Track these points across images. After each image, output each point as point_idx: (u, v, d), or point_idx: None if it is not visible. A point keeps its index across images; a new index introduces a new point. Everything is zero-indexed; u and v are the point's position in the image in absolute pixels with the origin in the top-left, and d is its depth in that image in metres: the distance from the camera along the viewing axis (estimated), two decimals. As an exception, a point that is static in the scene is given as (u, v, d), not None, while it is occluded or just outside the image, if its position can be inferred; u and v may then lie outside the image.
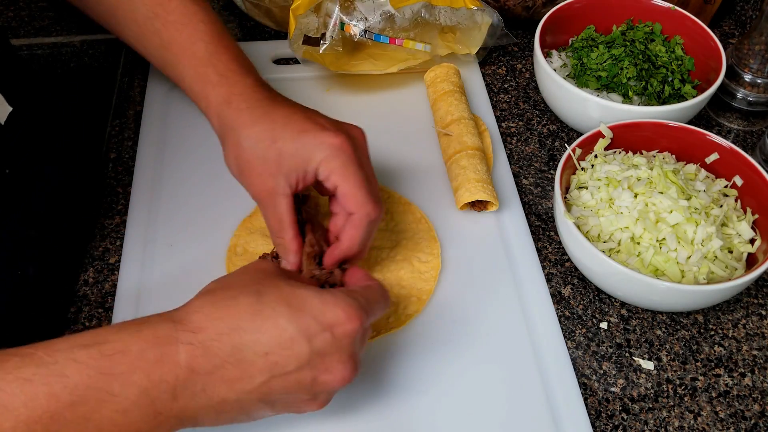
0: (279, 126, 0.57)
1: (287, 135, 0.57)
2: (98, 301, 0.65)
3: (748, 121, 0.84)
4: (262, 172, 0.58)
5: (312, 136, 0.56)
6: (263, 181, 0.58)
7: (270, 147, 0.57)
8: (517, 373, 0.60)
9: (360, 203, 0.57)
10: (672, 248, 0.62)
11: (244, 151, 0.58)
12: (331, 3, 0.77)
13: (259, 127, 0.58)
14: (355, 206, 0.57)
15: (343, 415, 0.57)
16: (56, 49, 0.88)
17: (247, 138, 0.58)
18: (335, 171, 0.56)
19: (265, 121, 0.58)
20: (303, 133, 0.57)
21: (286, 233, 0.58)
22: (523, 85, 0.87)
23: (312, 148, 0.56)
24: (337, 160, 0.56)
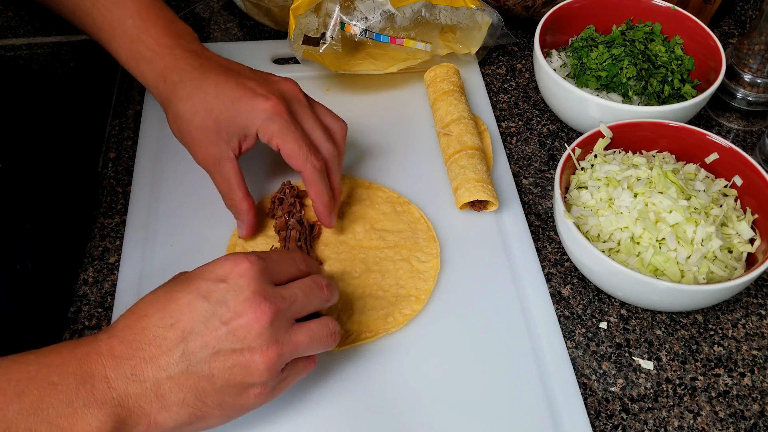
0: (212, 96, 0.61)
1: (221, 105, 0.60)
2: (98, 300, 0.65)
3: (747, 121, 0.84)
4: (203, 141, 0.61)
5: (245, 103, 0.60)
6: (205, 149, 0.61)
7: (206, 117, 0.60)
8: (516, 372, 0.60)
9: (304, 159, 0.61)
10: (672, 248, 0.62)
11: (183, 123, 0.62)
12: (332, 3, 0.77)
13: (193, 100, 0.61)
14: (301, 164, 0.61)
15: (343, 415, 0.57)
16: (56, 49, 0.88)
17: (185, 111, 0.61)
18: (274, 134, 0.60)
19: (198, 93, 0.61)
20: (237, 101, 0.60)
21: (235, 194, 0.63)
22: (522, 84, 0.87)
23: (247, 114, 0.60)
24: (273, 123, 0.60)
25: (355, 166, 0.75)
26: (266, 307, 0.48)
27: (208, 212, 0.70)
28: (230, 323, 0.47)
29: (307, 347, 0.51)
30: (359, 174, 0.74)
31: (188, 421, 0.48)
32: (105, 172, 0.75)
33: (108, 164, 0.76)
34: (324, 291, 0.53)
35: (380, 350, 0.61)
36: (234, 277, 0.48)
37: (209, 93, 0.61)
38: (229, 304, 0.48)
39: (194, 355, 0.47)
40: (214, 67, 0.63)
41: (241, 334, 0.47)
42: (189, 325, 0.47)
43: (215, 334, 0.47)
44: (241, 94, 0.60)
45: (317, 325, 0.52)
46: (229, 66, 0.64)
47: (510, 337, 0.62)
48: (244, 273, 0.48)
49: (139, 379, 0.46)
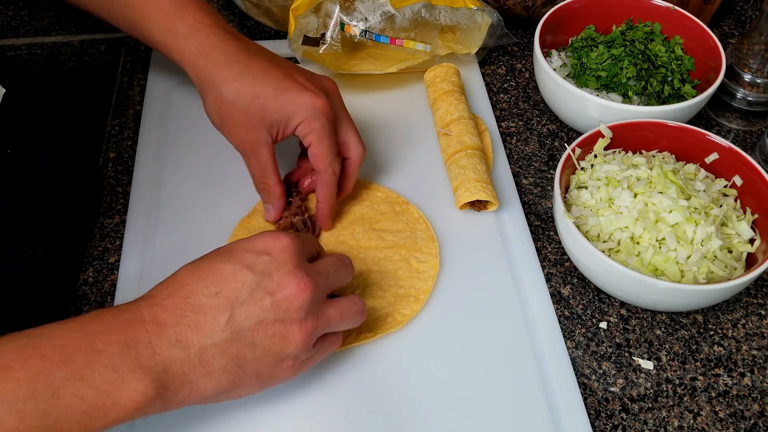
0: (260, 81, 0.61)
1: (269, 91, 0.61)
2: (98, 300, 0.65)
3: (747, 120, 0.84)
4: (245, 124, 0.61)
5: (295, 95, 0.61)
6: (246, 133, 0.62)
7: (253, 102, 0.61)
8: (516, 372, 0.60)
9: (327, 163, 0.63)
10: (671, 248, 0.62)
11: (225, 104, 0.61)
12: (331, 3, 0.77)
13: (240, 82, 0.61)
14: (324, 166, 0.63)
15: (343, 415, 0.57)
16: (56, 48, 0.88)
17: (229, 92, 0.61)
18: (313, 132, 0.61)
19: (246, 75, 0.61)
20: (285, 91, 0.61)
21: (269, 178, 0.64)
22: (522, 84, 0.87)
23: (294, 107, 0.61)
24: (317, 121, 0.61)
25: (355, 166, 0.75)
26: (308, 281, 0.50)
27: (208, 212, 0.70)
28: (275, 294, 0.49)
29: (338, 322, 0.53)
30: (359, 174, 0.74)
31: (226, 389, 0.49)
32: (105, 172, 0.75)
33: (108, 164, 0.76)
34: (349, 268, 0.56)
35: (380, 350, 0.61)
36: (276, 251, 0.50)
37: (258, 78, 0.61)
38: (274, 276, 0.49)
39: (239, 323, 0.48)
40: (258, 52, 0.63)
41: (284, 306, 0.49)
42: (234, 294, 0.48)
43: (261, 304, 0.49)
44: (291, 85, 0.61)
45: (347, 302, 0.55)
46: (270, 54, 0.65)
47: (510, 337, 0.62)
48: (286, 248, 0.50)
49: (184, 345, 0.47)
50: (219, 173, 0.74)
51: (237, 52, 0.62)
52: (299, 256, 0.51)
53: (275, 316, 0.49)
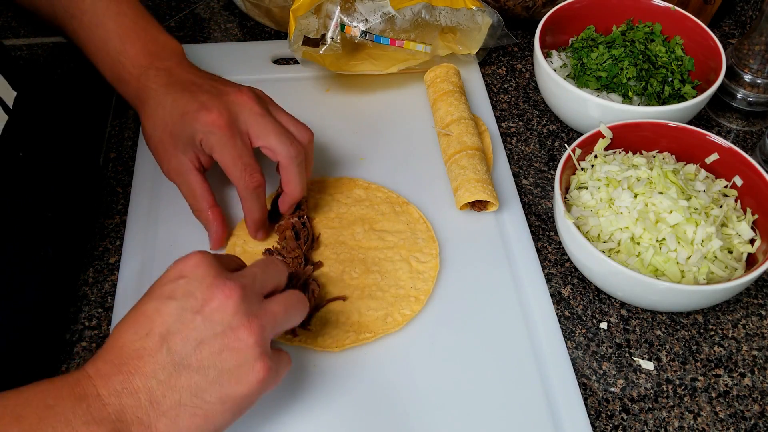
0: (168, 111, 0.63)
1: (174, 118, 0.63)
2: (98, 300, 0.65)
3: (747, 121, 0.84)
4: (164, 154, 0.64)
5: (191, 117, 0.62)
6: (168, 162, 0.64)
7: (163, 131, 0.64)
8: (516, 373, 0.60)
9: (237, 177, 0.62)
10: (672, 248, 0.62)
11: (148, 138, 0.65)
12: (332, 4, 0.77)
13: (154, 116, 0.64)
14: (235, 179, 0.63)
15: (343, 416, 0.57)
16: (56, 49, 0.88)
17: (148, 127, 0.65)
18: (213, 148, 0.62)
19: (158, 109, 0.64)
20: (185, 116, 0.62)
21: (199, 203, 0.65)
22: (523, 85, 0.87)
23: (192, 127, 0.62)
24: (212, 137, 0.61)
25: (356, 166, 0.75)
26: (232, 284, 0.48)
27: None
28: (203, 310, 0.47)
29: (285, 317, 0.51)
30: (359, 174, 0.74)
31: (194, 424, 0.47)
32: (105, 173, 0.75)
33: (108, 164, 0.76)
34: (278, 264, 0.54)
35: (380, 351, 0.61)
36: (189, 269, 0.49)
37: (166, 108, 0.63)
38: (196, 294, 0.48)
39: (178, 353, 0.46)
40: (178, 83, 0.65)
41: (217, 318, 0.47)
42: (164, 328, 0.47)
43: (192, 326, 0.47)
44: (191, 107, 0.62)
45: (285, 295, 0.53)
46: (194, 79, 0.65)
47: (510, 337, 0.62)
48: (199, 263, 0.49)
49: (130, 391, 0.46)
50: (219, 173, 0.73)
51: (156, 89, 0.65)
52: (215, 267, 0.49)
53: (213, 331, 0.47)
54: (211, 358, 0.47)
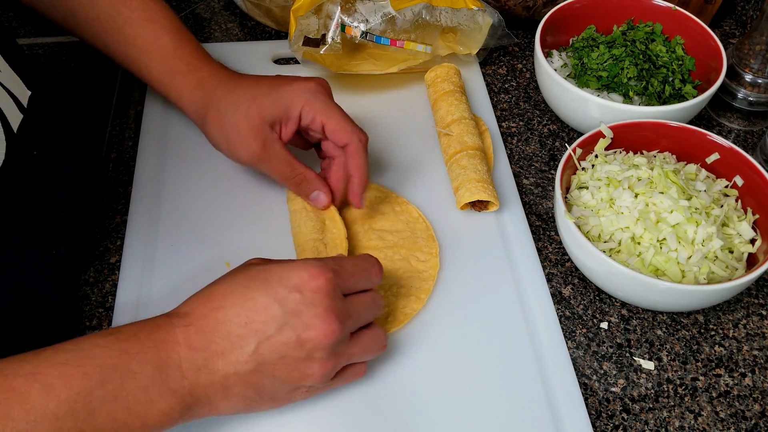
0: (253, 86, 0.64)
1: (263, 90, 0.63)
2: (98, 300, 0.65)
3: (748, 121, 0.84)
4: (249, 130, 0.63)
5: (287, 86, 0.63)
6: (254, 139, 0.63)
7: (251, 104, 0.63)
8: (517, 372, 0.60)
9: (351, 132, 0.63)
10: (672, 248, 0.62)
11: (226, 118, 0.64)
12: (332, 4, 0.77)
13: (235, 93, 0.64)
14: (347, 136, 0.63)
15: (341, 415, 0.57)
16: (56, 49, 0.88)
17: (228, 105, 0.64)
18: (319, 110, 0.63)
19: (239, 87, 0.65)
20: (278, 86, 0.63)
21: (295, 168, 0.65)
22: (523, 85, 0.87)
23: (290, 95, 0.63)
24: (317, 101, 0.63)
25: (356, 166, 0.75)
26: (335, 327, 0.50)
27: (209, 212, 0.70)
28: (301, 334, 0.50)
29: (358, 357, 0.55)
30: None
31: (243, 410, 0.52)
32: (105, 173, 0.75)
33: (109, 164, 0.76)
34: (379, 310, 0.56)
35: (380, 350, 0.61)
36: (309, 291, 0.50)
37: (249, 86, 0.64)
38: (302, 316, 0.50)
39: (263, 356, 0.49)
40: (246, 75, 0.68)
41: (307, 346, 0.50)
42: (262, 328, 0.49)
43: (285, 341, 0.49)
44: (281, 81, 0.65)
45: (370, 338, 0.55)
46: (257, 75, 0.68)
47: (510, 337, 0.62)
48: (319, 289, 0.50)
49: (210, 370, 0.49)
50: (220, 173, 0.74)
51: (228, 76, 0.67)
52: (331, 298, 0.51)
53: (297, 354, 0.50)
54: (283, 373, 0.50)
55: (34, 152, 0.59)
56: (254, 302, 0.49)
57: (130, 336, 0.48)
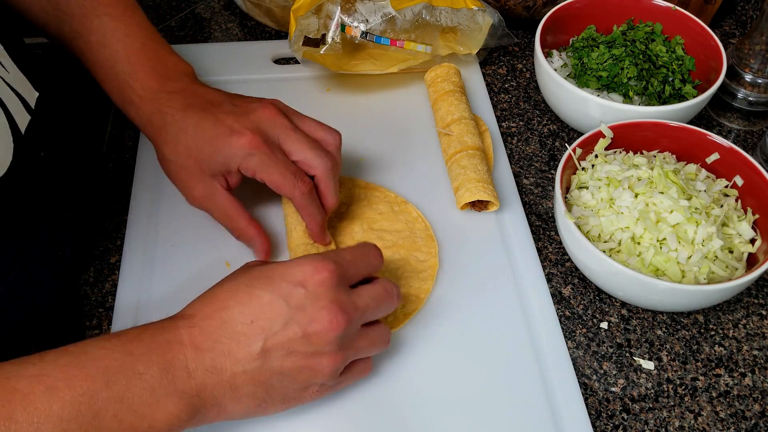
0: (191, 137, 0.62)
1: (200, 144, 0.61)
2: (98, 300, 0.65)
3: (748, 121, 0.84)
4: (189, 180, 0.63)
5: (222, 141, 0.61)
6: (194, 188, 0.63)
7: (188, 158, 0.62)
8: (517, 372, 0.60)
9: (291, 188, 0.61)
10: (672, 248, 0.62)
11: (169, 164, 0.63)
12: (332, 5, 0.77)
13: (175, 142, 0.62)
14: (288, 192, 0.61)
15: (342, 414, 0.57)
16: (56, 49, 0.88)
17: (169, 153, 0.63)
18: (256, 169, 0.61)
19: (180, 134, 0.62)
20: (214, 140, 0.61)
21: (237, 222, 0.64)
22: (523, 84, 0.87)
23: (226, 153, 0.61)
24: (253, 158, 0.60)
25: (356, 166, 0.75)
26: (341, 318, 0.50)
27: (208, 212, 0.70)
28: (306, 328, 0.49)
29: (365, 351, 0.54)
30: (359, 175, 0.74)
31: (253, 411, 0.51)
32: (105, 173, 0.75)
33: (108, 164, 0.76)
34: (394, 299, 0.55)
35: (380, 350, 0.61)
36: (313, 285, 0.50)
37: (189, 134, 0.62)
38: (307, 310, 0.50)
39: (270, 353, 0.49)
40: (196, 105, 0.63)
41: (314, 340, 0.50)
42: (268, 324, 0.49)
43: (291, 337, 0.49)
44: (218, 132, 0.61)
45: (376, 332, 0.55)
46: (211, 99, 0.64)
47: (510, 337, 0.62)
48: (323, 282, 0.50)
49: (217, 371, 0.48)
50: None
51: (173, 113, 0.63)
52: (336, 290, 0.51)
53: (305, 349, 0.50)
54: (292, 369, 0.50)
55: (41, 153, 0.59)
56: (258, 300, 0.49)
57: (134, 338, 0.48)
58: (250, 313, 0.49)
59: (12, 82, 0.56)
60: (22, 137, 0.55)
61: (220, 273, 0.65)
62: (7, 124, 0.54)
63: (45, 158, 0.59)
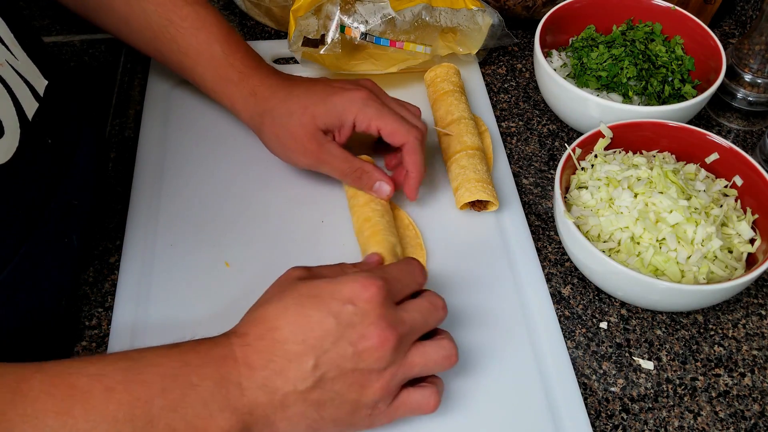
0: (305, 95, 0.66)
1: (316, 100, 0.65)
2: (98, 300, 0.65)
3: (748, 121, 0.84)
4: (304, 136, 0.66)
5: (338, 96, 0.65)
6: (309, 143, 0.66)
7: (304, 113, 0.65)
8: (517, 373, 0.60)
9: (406, 132, 0.66)
10: (672, 248, 0.62)
11: (281, 127, 0.66)
12: (332, 5, 0.77)
13: (289, 103, 0.66)
14: (404, 136, 0.66)
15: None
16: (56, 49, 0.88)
17: (282, 115, 0.66)
18: (373, 117, 0.65)
19: (292, 97, 0.66)
20: (330, 96, 0.65)
21: (354, 162, 0.67)
22: (523, 84, 0.87)
23: (342, 105, 0.65)
24: (369, 108, 0.65)
25: (356, 166, 0.75)
26: (390, 334, 0.50)
27: (209, 212, 0.70)
28: (357, 345, 0.49)
29: (421, 368, 0.53)
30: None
31: (304, 431, 0.50)
32: (105, 172, 0.75)
33: (108, 164, 0.76)
34: (440, 312, 0.55)
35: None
36: (361, 302, 0.50)
37: (302, 95, 0.66)
38: (357, 327, 0.49)
39: (322, 372, 0.49)
40: (300, 79, 0.69)
41: (365, 357, 0.50)
42: (319, 343, 0.49)
43: (342, 354, 0.49)
44: (333, 90, 0.66)
45: (432, 347, 0.53)
46: (309, 78, 0.70)
47: (510, 337, 0.62)
48: (371, 298, 0.50)
49: (270, 389, 0.48)
50: (220, 173, 0.74)
51: (280, 84, 0.68)
52: (384, 306, 0.50)
53: (355, 366, 0.49)
54: (343, 387, 0.50)
55: (48, 140, 0.59)
56: (309, 319, 0.49)
57: (190, 349, 0.48)
58: (302, 333, 0.49)
59: (21, 69, 0.57)
60: (30, 124, 0.56)
61: (219, 272, 0.65)
62: (14, 111, 0.54)
63: (52, 145, 0.59)
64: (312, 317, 0.49)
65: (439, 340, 0.54)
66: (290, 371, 0.48)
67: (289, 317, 0.50)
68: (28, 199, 0.55)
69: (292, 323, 0.49)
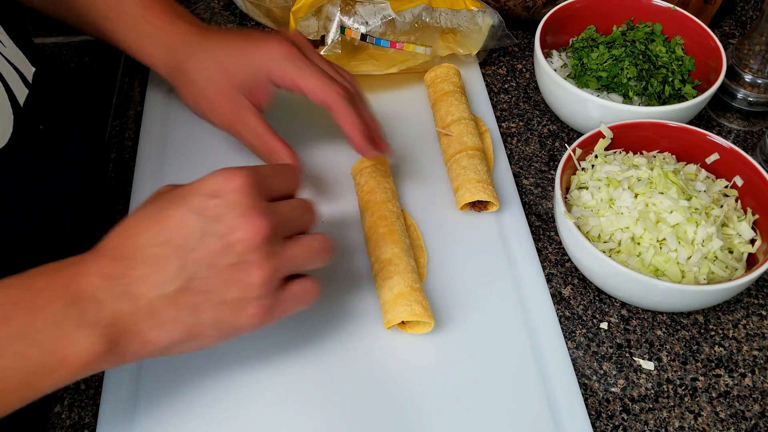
0: (222, 54, 0.62)
1: (231, 59, 0.61)
2: (98, 301, 0.65)
3: (748, 121, 0.84)
4: (220, 99, 0.61)
5: (253, 50, 0.60)
6: (225, 106, 0.62)
7: (219, 73, 0.61)
8: (517, 373, 0.60)
9: (328, 90, 0.60)
10: (672, 248, 0.62)
11: (198, 88, 0.63)
12: (332, 6, 0.77)
13: (206, 63, 0.62)
14: (325, 95, 0.60)
15: (343, 416, 0.57)
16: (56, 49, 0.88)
17: (199, 76, 0.62)
18: (292, 73, 0.60)
19: (209, 57, 0.62)
20: (245, 50, 0.61)
21: (266, 139, 0.62)
22: (523, 85, 0.87)
23: (258, 60, 0.60)
24: (288, 63, 0.60)
25: (356, 166, 0.75)
26: (262, 222, 0.47)
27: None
28: (226, 238, 0.46)
29: (303, 261, 0.50)
30: (359, 174, 0.74)
31: (181, 339, 0.47)
32: (106, 173, 0.75)
33: (108, 164, 0.76)
34: (311, 211, 0.53)
35: (378, 350, 0.61)
36: (227, 192, 0.47)
37: (219, 51, 0.62)
38: (224, 219, 0.46)
39: (190, 272, 0.46)
40: (219, 32, 0.65)
41: (237, 249, 0.46)
42: (183, 242, 0.46)
43: (211, 250, 0.46)
44: (250, 43, 0.61)
45: (310, 238, 0.51)
46: (232, 31, 0.66)
47: (510, 337, 0.62)
48: (238, 188, 0.47)
49: (132, 296, 0.45)
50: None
51: (199, 39, 0.64)
52: (253, 196, 0.47)
53: (228, 260, 0.46)
54: (217, 285, 0.47)
55: (40, 126, 0.58)
56: (170, 219, 0.46)
57: (34, 275, 0.45)
58: (163, 234, 0.46)
59: (9, 56, 0.56)
60: (21, 110, 0.55)
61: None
62: (6, 97, 0.54)
63: (44, 132, 0.59)
64: (173, 216, 0.46)
65: (316, 234, 0.52)
66: (153, 275, 0.45)
67: (149, 220, 0.47)
68: (22, 185, 0.55)
69: (152, 225, 0.46)
